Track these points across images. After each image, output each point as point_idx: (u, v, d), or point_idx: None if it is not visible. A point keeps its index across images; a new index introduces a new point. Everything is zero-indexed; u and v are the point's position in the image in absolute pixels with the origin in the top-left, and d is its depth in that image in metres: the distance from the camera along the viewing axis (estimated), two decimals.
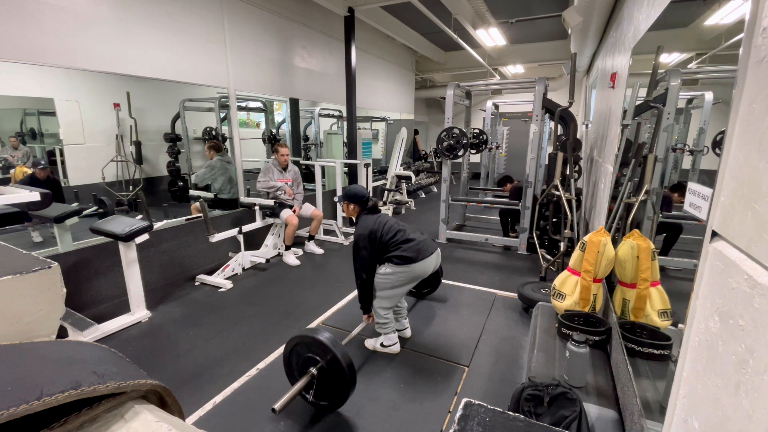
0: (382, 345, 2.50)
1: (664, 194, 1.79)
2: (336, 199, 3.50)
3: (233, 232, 3.83)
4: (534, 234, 4.30)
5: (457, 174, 6.52)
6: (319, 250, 4.60)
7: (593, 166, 4.05)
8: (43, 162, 4.11)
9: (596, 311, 2.09)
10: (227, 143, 4.75)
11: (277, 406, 1.71)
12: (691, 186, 1.04)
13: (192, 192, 5.03)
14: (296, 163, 5.00)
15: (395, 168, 7.27)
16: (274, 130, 6.63)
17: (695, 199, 1.00)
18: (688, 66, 1.69)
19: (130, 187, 5.31)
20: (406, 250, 2.29)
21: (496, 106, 7.74)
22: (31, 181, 3.96)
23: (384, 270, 2.34)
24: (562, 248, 3.56)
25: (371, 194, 6.21)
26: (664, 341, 1.55)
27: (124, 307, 2.96)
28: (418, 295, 3.33)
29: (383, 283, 2.35)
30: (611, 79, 3.12)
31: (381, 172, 8.04)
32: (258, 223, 4.19)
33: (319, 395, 1.93)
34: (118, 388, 0.53)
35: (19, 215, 2.64)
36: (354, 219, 2.51)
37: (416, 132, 10.03)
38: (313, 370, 1.87)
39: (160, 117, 5.66)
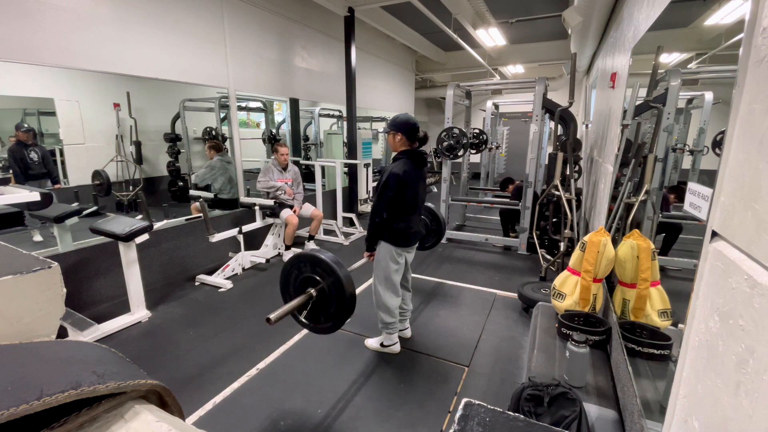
0: (382, 345, 2.50)
1: (663, 195, 1.79)
2: (382, 129, 3.43)
3: (233, 232, 3.83)
4: (534, 234, 4.30)
5: (457, 174, 6.52)
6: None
7: (593, 166, 4.05)
8: (25, 125, 4.13)
9: (596, 311, 2.09)
10: (227, 143, 4.75)
11: (272, 316, 1.65)
12: (691, 186, 1.04)
13: (192, 192, 5.03)
14: (296, 163, 5.00)
15: None
16: (274, 130, 6.63)
17: (695, 199, 1.00)
18: (688, 66, 1.69)
19: (130, 187, 5.31)
20: (407, 230, 2.31)
21: (496, 106, 7.74)
22: (18, 145, 4.00)
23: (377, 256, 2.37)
24: (562, 248, 3.56)
25: (371, 195, 6.24)
26: (664, 341, 1.55)
27: (124, 307, 2.96)
28: (421, 247, 3.16)
29: (380, 260, 2.37)
30: (611, 79, 3.12)
31: (381, 172, 8.03)
32: (258, 223, 4.19)
33: (312, 317, 1.86)
34: (118, 388, 0.53)
35: (20, 215, 2.65)
36: (393, 155, 2.37)
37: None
38: (312, 291, 1.81)
39: (160, 117, 5.66)
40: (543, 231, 4.35)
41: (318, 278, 1.81)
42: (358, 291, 2.72)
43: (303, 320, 1.88)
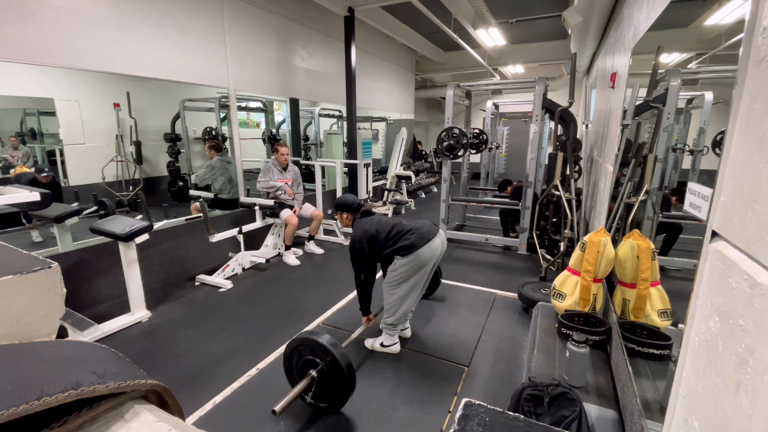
0: (382, 345, 2.50)
1: (664, 195, 1.79)
2: (329, 212, 3.52)
3: (233, 232, 3.83)
4: (534, 234, 4.30)
5: (457, 174, 6.52)
6: (319, 250, 4.60)
7: (593, 166, 4.05)
8: (47, 170, 4.12)
9: (596, 311, 2.09)
10: (227, 143, 4.75)
11: (277, 408, 1.72)
12: (691, 186, 1.04)
13: (192, 192, 5.03)
14: (296, 163, 5.00)
15: (395, 168, 7.27)
16: (274, 130, 6.63)
17: (695, 199, 1.00)
18: (688, 66, 1.69)
19: (130, 187, 5.31)
20: (407, 239, 2.28)
21: (496, 106, 7.74)
22: (31, 185, 3.97)
23: (393, 266, 2.34)
24: (562, 248, 3.56)
25: (370, 195, 6.24)
26: (664, 341, 1.55)
27: (124, 307, 2.96)
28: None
29: (398, 277, 2.32)
30: (611, 79, 3.12)
31: (381, 172, 8.04)
32: (258, 223, 4.19)
33: (318, 397, 1.93)
34: (118, 388, 0.53)
35: (20, 215, 2.65)
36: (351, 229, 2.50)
37: (418, 143, 10.19)
38: (313, 372, 1.87)
39: (160, 117, 5.65)
40: (543, 231, 4.35)
41: (317, 360, 1.88)
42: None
43: (312, 402, 1.95)
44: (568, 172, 3.84)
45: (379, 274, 2.58)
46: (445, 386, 2.19)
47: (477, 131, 5.94)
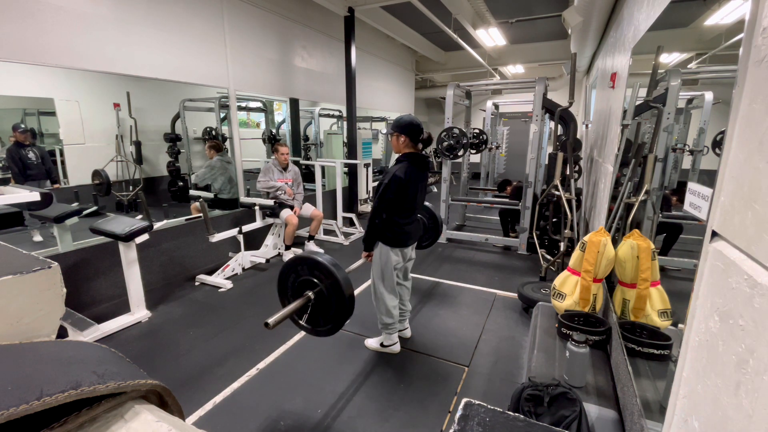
0: (382, 345, 2.50)
1: (664, 195, 1.79)
2: (385, 131, 3.40)
3: (233, 232, 3.83)
4: (534, 234, 4.30)
5: (457, 174, 6.52)
6: (319, 250, 4.60)
7: (593, 166, 4.05)
8: (22, 125, 4.13)
9: (596, 311, 2.09)
10: (227, 143, 4.75)
11: (270, 321, 1.62)
12: (691, 186, 1.04)
13: (192, 192, 5.04)
14: (296, 163, 5.00)
15: None
16: (274, 130, 6.63)
17: (695, 199, 1.00)
18: (688, 66, 1.69)
19: (130, 187, 5.31)
20: (404, 231, 2.31)
21: (496, 106, 7.73)
22: (16, 146, 4.00)
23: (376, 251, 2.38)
24: (562, 248, 3.56)
25: (371, 195, 6.24)
26: (664, 341, 1.55)
27: (124, 307, 2.96)
28: (418, 246, 3.16)
29: (375, 268, 2.39)
30: (611, 79, 3.12)
31: (381, 172, 8.04)
32: (258, 223, 4.19)
33: (312, 320, 1.86)
34: (118, 388, 0.53)
35: (20, 215, 2.65)
36: (396, 157, 2.35)
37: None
38: (310, 294, 1.79)
39: (160, 117, 5.66)
40: (543, 231, 4.35)
41: (316, 281, 1.80)
42: (357, 291, 2.72)
43: (303, 324, 1.87)
44: (568, 172, 3.84)
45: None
46: (445, 386, 2.19)
47: (477, 131, 5.94)
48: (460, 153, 4.79)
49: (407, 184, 2.23)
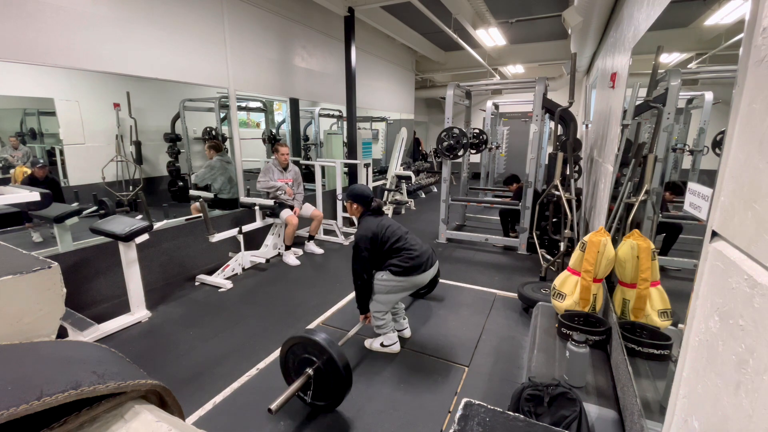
0: (381, 345, 2.50)
1: (664, 195, 1.79)
2: (339, 197, 3.49)
3: (233, 232, 3.83)
4: (534, 234, 4.30)
5: (457, 174, 6.52)
6: (319, 250, 4.60)
7: (593, 166, 4.05)
8: (41, 161, 4.10)
9: (596, 311, 2.09)
10: (227, 143, 4.75)
11: (273, 406, 1.71)
12: (691, 186, 1.04)
13: (192, 192, 5.03)
14: (296, 163, 5.00)
15: (395, 168, 7.27)
16: (274, 130, 6.63)
17: (695, 199, 1.00)
18: (688, 66, 1.69)
19: (130, 187, 5.31)
20: (406, 260, 2.30)
21: (496, 106, 7.74)
22: (30, 182, 3.97)
23: (381, 276, 2.35)
24: (562, 248, 3.56)
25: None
26: (664, 341, 1.55)
27: (124, 307, 2.96)
28: (414, 295, 3.32)
29: (380, 287, 2.37)
30: (611, 79, 3.12)
31: (381, 172, 8.04)
32: (258, 223, 4.19)
33: (315, 396, 1.93)
34: (118, 388, 0.53)
35: (19, 215, 2.65)
36: (356, 219, 2.49)
37: (418, 142, 10.23)
38: (310, 371, 1.87)
39: (160, 117, 5.65)
40: (543, 231, 4.35)
41: (314, 358, 1.88)
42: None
43: (309, 401, 1.94)
44: (568, 172, 3.84)
45: None
46: (445, 386, 2.19)
47: (477, 131, 5.94)
48: (460, 153, 4.79)
49: (378, 228, 2.32)
